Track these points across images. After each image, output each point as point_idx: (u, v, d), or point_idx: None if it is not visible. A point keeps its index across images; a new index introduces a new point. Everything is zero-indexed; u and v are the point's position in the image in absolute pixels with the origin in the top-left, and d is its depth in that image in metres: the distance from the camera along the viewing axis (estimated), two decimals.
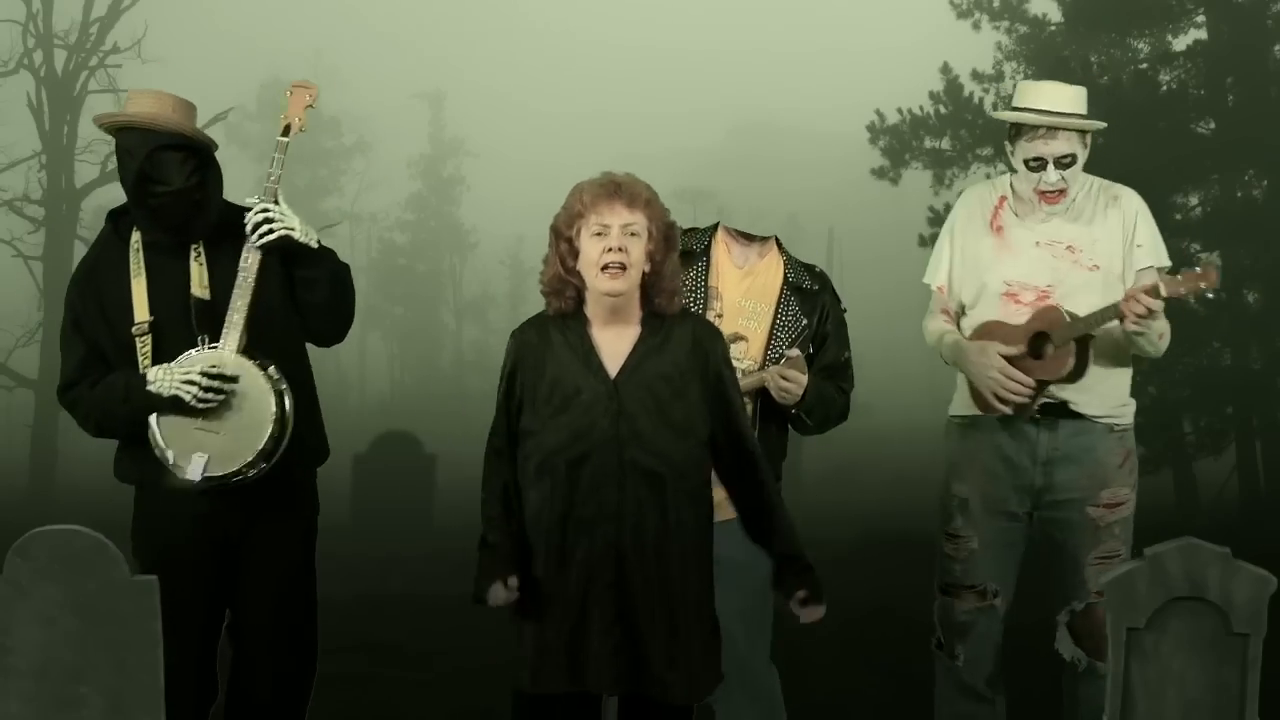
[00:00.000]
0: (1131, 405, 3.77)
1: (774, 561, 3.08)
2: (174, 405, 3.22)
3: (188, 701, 3.25)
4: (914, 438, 26.02)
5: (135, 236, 3.36)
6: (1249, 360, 12.72)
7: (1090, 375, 3.62)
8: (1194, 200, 13.23)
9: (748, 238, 3.66)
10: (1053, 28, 13.99)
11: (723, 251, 3.66)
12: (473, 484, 3.06)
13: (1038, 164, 3.65)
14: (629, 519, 2.92)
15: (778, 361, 3.54)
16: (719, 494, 3.25)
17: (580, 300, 3.03)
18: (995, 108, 13.48)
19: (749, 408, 3.55)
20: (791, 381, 3.48)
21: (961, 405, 3.83)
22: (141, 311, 3.31)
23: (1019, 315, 3.68)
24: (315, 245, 3.37)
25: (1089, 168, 3.78)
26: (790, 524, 3.09)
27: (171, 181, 3.28)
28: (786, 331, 3.59)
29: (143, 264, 3.34)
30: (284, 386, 3.27)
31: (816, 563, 3.66)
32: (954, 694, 3.81)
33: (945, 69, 13.65)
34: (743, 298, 3.61)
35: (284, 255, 3.35)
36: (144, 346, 3.29)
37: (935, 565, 3.84)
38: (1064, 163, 3.63)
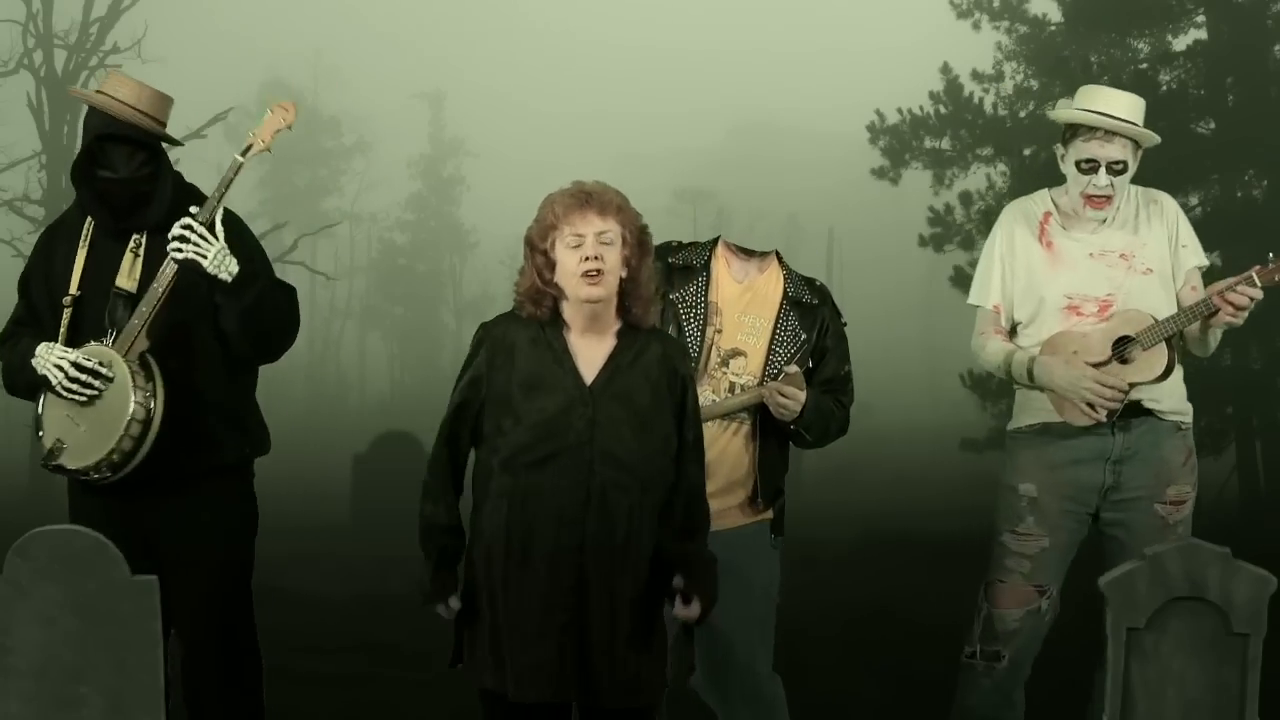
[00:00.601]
0: (1190, 405, 3.82)
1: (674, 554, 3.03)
2: (47, 385, 3.28)
3: None
4: (914, 438, 26.02)
5: None
6: (1249, 360, 12.71)
7: None
8: (1194, 200, 13.22)
9: (748, 253, 3.66)
10: (1053, 28, 13.98)
11: (722, 266, 3.66)
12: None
13: (1090, 166, 3.66)
14: (592, 526, 2.92)
15: (776, 377, 3.54)
16: (717, 503, 3.26)
17: (556, 309, 3.03)
18: (995, 108, 13.50)
19: (749, 423, 3.57)
20: (789, 398, 3.48)
21: (1027, 417, 3.82)
22: (74, 283, 3.36)
23: (1083, 328, 3.70)
24: (227, 279, 3.28)
25: None
26: (703, 536, 3.08)
27: (116, 170, 3.32)
28: (785, 346, 3.59)
29: (89, 239, 3.38)
30: (154, 403, 3.25)
31: (817, 563, 3.66)
32: (983, 700, 3.79)
33: (945, 69, 13.63)
34: (742, 313, 3.61)
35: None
36: (64, 317, 3.34)
37: (991, 567, 3.80)
38: (1115, 168, 3.66)
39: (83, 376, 3.23)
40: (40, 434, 3.34)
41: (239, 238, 3.38)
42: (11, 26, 18.41)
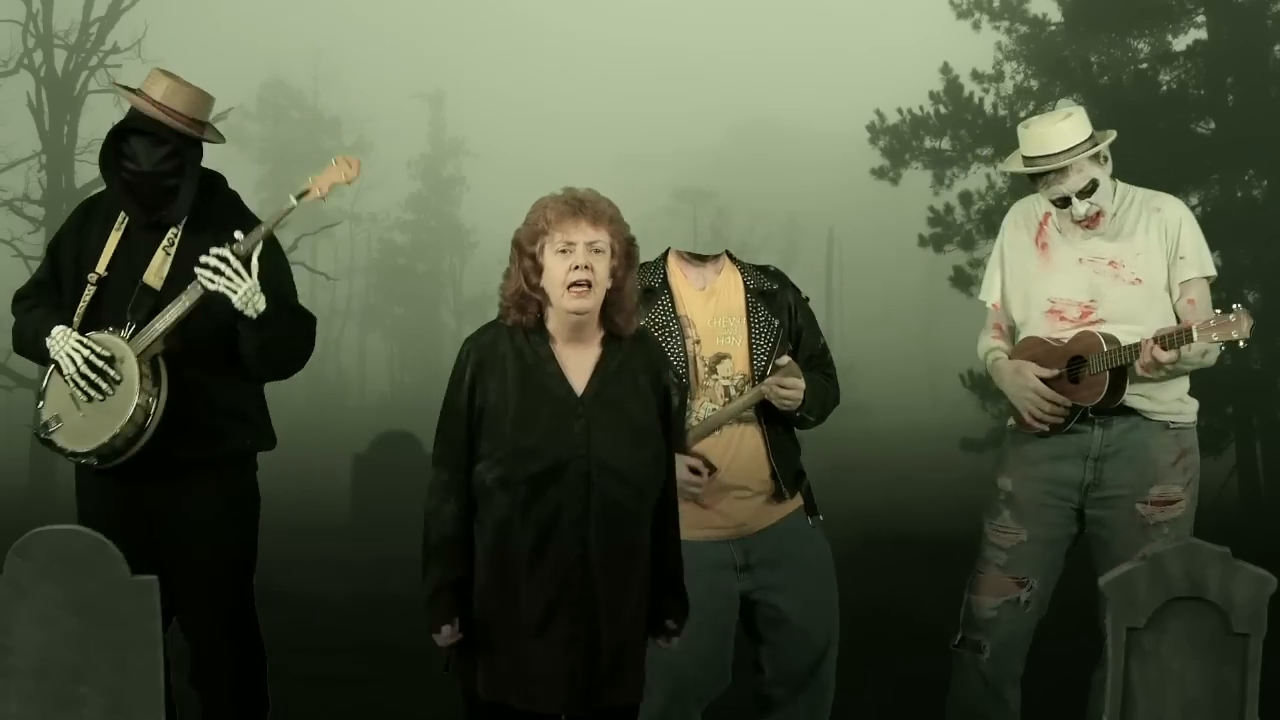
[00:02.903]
0: (1192, 405, 3.77)
1: (656, 591, 3.07)
2: (56, 368, 3.36)
3: None
4: (913, 438, 26.00)
5: None
6: (1249, 360, 12.69)
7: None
8: (1194, 200, 13.20)
9: (700, 258, 3.70)
10: (1053, 28, 13.98)
11: (680, 279, 3.71)
12: None
13: (1063, 202, 3.70)
14: (595, 536, 2.91)
15: (765, 370, 3.58)
16: (751, 504, 3.32)
17: (541, 315, 3.02)
18: (995, 108, 13.51)
19: (755, 420, 3.60)
20: (790, 389, 3.52)
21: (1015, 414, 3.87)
22: (103, 263, 3.43)
23: (1064, 331, 3.72)
24: (253, 315, 3.35)
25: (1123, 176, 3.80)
26: (678, 562, 3.12)
27: (139, 163, 3.41)
28: (763, 337, 3.63)
29: (124, 225, 3.44)
30: (155, 405, 3.31)
31: None
32: (973, 692, 3.80)
33: (945, 69, 13.64)
34: (713, 318, 3.65)
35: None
36: (87, 295, 3.41)
37: (975, 560, 3.84)
38: (1086, 191, 3.67)
39: (91, 375, 3.31)
40: (41, 403, 3.42)
41: (273, 264, 3.45)
42: (11, 26, 18.41)
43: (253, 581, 3.60)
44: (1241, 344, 3.45)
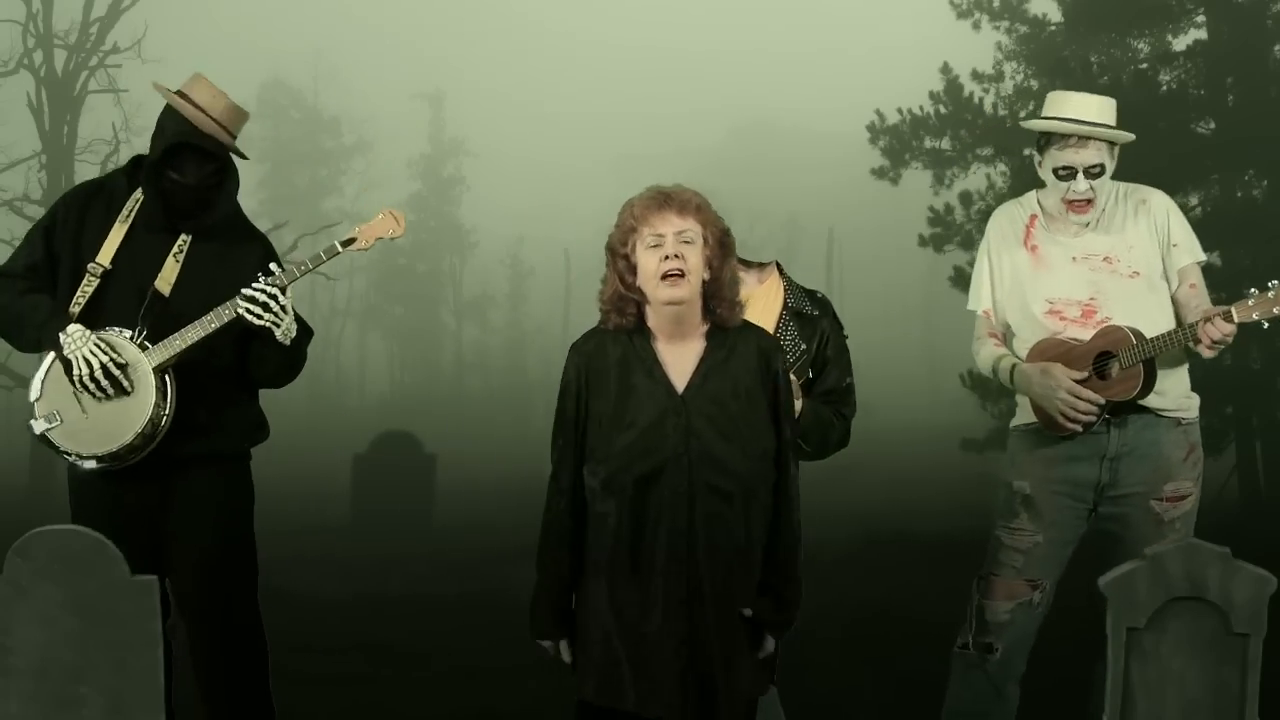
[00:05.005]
0: (1195, 399, 3.79)
1: (761, 586, 3.01)
2: (65, 367, 3.32)
3: None
4: (914, 438, 25.98)
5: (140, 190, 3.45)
6: (1249, 360, 12.70)
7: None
8: (1194, 200, 13.21)
9: (746, 263, 3.66)
10: (1053, 28, 13.98)
11: None
12: (473, 484, 3.04)
13: (1067, 173, 3.68)
14: (701, 535, 2.89)
15: None
16: None
17: (641, 316, 3.00)
18: (995, 108, 13.51)
19: None
20: None
21: (1025, 415, 3.83)
22: (106, 255, 3.40)
23: (1066, 332, 3.71)
24: (285, 343, 3.43)
25: None
26: (793, 560, 3.04)
27: (185, 176, 3.40)
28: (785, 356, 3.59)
29: (131, 218, 3.43)
30: (164, 419, 3.33)
31: (817, 563, 3.65)
32: (974, 693, 3.79)
33: (945, 69, 13.63)
34: None
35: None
36: (88, 286, 3.38)
37: (985, 560, 3.83)
38: (1093, 172, 3.67)
39: (104, 382, 3.28)
40: (37, 396, 3.36)
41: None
42: (11, 26, 18.41)
43: (257, 580, 3.59)
44: None
